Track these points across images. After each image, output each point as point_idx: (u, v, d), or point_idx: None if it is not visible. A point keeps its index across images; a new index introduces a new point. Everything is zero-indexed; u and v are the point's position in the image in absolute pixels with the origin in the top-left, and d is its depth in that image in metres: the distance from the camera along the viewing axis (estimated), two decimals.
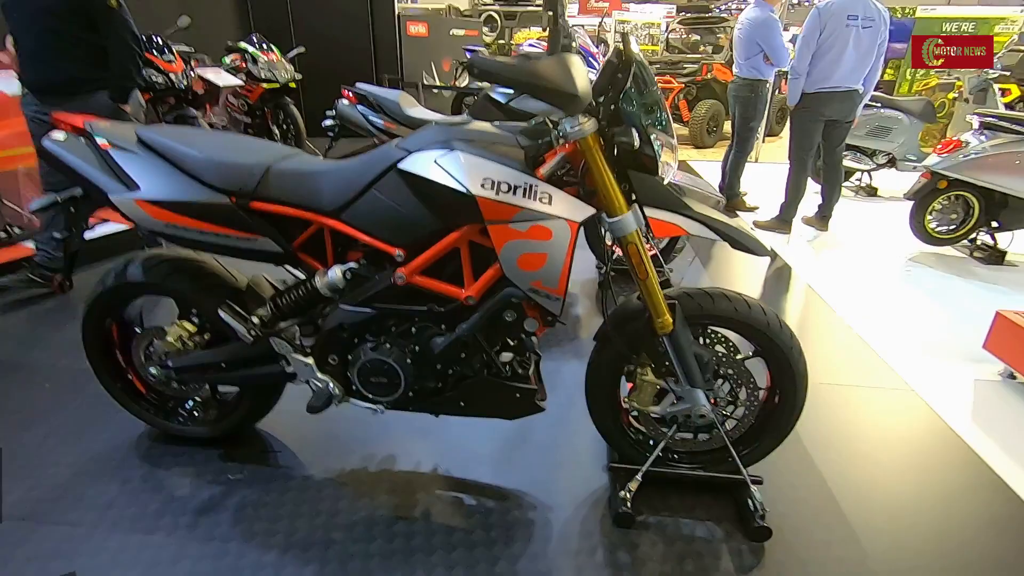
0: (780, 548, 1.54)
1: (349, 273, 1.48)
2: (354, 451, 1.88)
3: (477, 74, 1.10)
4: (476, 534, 1.56)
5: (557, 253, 1.30)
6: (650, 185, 1.35)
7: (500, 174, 1.29)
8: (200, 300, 1.63)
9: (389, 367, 1.51)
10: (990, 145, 3.52)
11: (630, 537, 1.57)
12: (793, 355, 1.52)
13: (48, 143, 1.45)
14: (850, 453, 1.96)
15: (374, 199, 1.41)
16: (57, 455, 1.83)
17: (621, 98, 1.26)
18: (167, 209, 1.41)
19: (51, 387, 2.20)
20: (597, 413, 1.69)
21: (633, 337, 1.52)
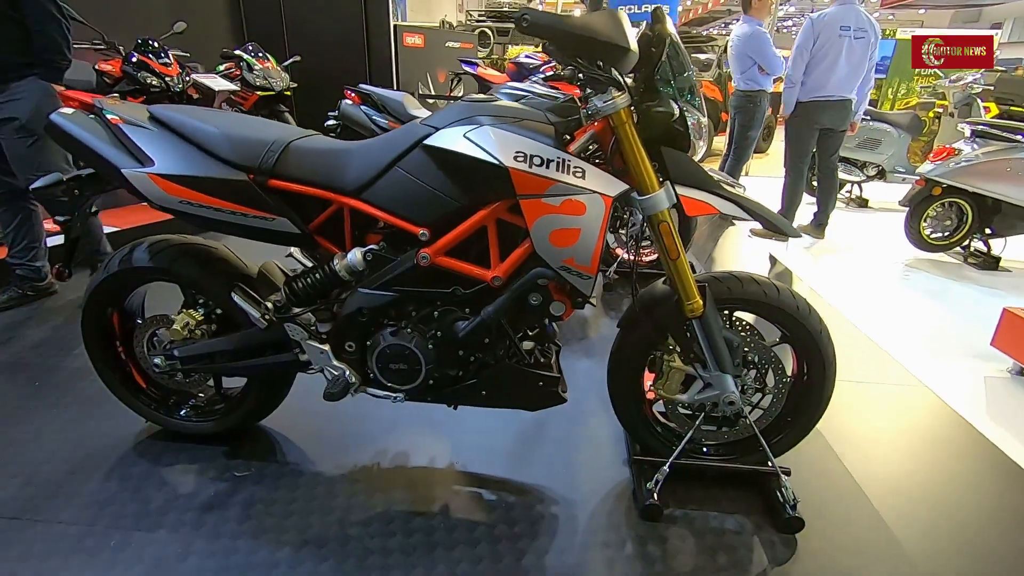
0: (812, 539, 1.50)
1: (370, 255, 1.43)
2: (365, 447, 1.80)
3: (528, 27, 1.08)
4: (499, 528, 1.50)
5: (591, 229, 1.27)
6: (682, 162, 1.33)
7: (532, 148, 1.26)
8: (210, 285, 1.57)
9: (410, 353, 1.45)
10: (982, 152, 3.59)
11: (658, 530, 1.51)
12: (822, 340, 1.50)
13: (56, 117, 1.39)
14: (870, 445, 1.94)
15: (398, 177, 1.37)
16: (50, 452, 1.73)
17: (656, 72, 1.24)
18: (182, 184, 1.35)
19: (40, 385, 2.10)
20: (620, 403, 1.64)
21: (661, 321, 1.48)
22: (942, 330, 2.89)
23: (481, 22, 9.38)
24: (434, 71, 6.80)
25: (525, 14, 1.07)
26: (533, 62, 5.33)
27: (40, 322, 2.60)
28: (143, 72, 4.00)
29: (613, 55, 1.13)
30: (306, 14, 6.77)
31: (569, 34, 1.11)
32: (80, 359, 2.25)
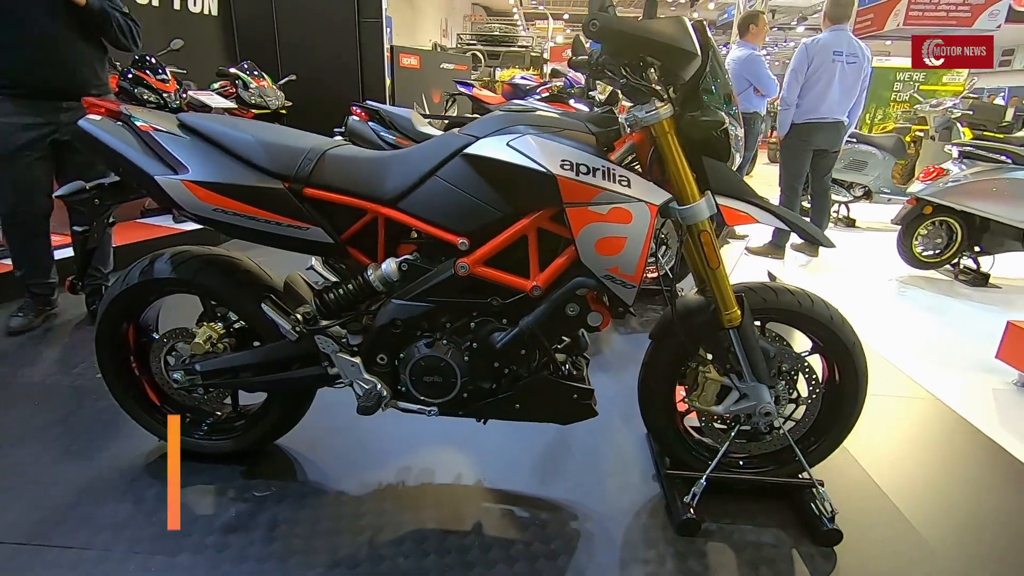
0: (850, 551, 1.48)
1: (405, 265, 1.41)
2: (386, 464, 1.75)
3: (597, 31, 1.08)
4: (535, 546, 1.46)
5: (636, 237, 1.27)
6: (722, 172, 1.34)
7: (577, 156, 1.26)
8: (235, 297, 1.53)
9: (445, 365, 1.42)
10: (970, 173, 3.72)
11: (696, 545, 1.49)
12: (856, 351, 1.51)
13: (86, 124, 1.36)
14: (891, 455, 1.95)
15: (437, 186, 1.36)
16: (56, 474, 1.65)
17: (700, 82, 1.26)
18: (217, 192, 1.32)
19: (39, 404, 2.01)
20: (652, 416, 1.63)
21: (697, 332, 1.48)
22: (944, 344, 2.94)
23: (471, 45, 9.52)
24: (429, 92, 6.86)
25: (594, 18, 1.08)
26: (529, 83, 5.41)
27: (34, 340, 2.50)
28: (140, 88, 3.96)
29: (682, 60, 1.14)
30: (300, 34, 6.79)
31: (640, 38, 1.12)
32: (81, 377, 2.18)
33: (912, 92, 7.10)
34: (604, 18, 1.09)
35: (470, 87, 5.74)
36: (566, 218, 1.27)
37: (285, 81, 5.48)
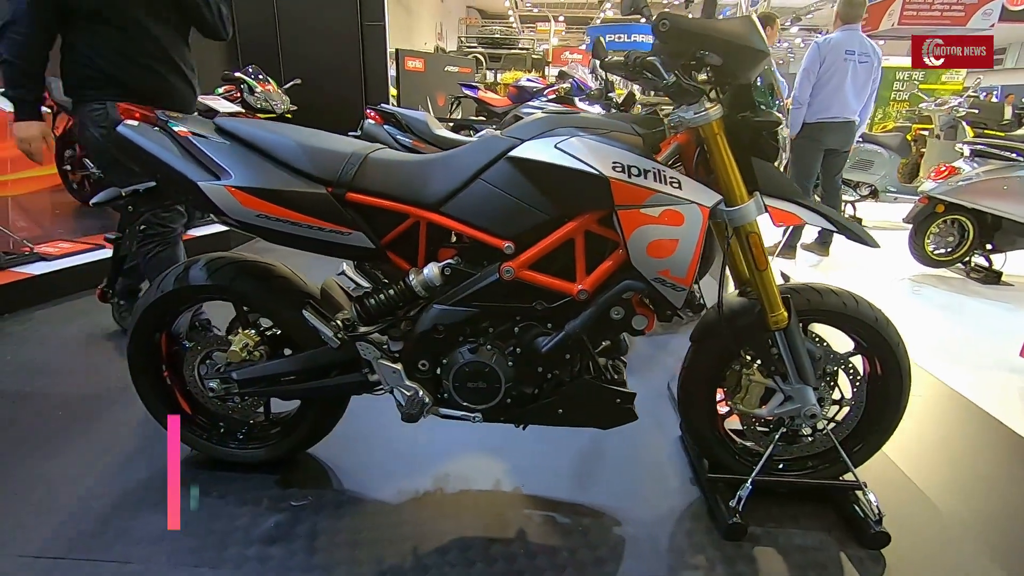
0: (898, 553, 1.47)
1: (448, 270, 1.39)
2: (420, 471, 1.73)
3: (667, 29, 1.07)
4: (581, 553, 1.44)
5: (689, 240, 1.25)
6: (770, 172, 1.33)
7: (628, 158, 1.25)
8: (272, 304, 1.51)
9: (489, 370, 1.40)
10: (982, 171, 3.73)
11: (743, 550, 1.47)
12: (900, 352, 1.49)
13: (125, 130, 1.33)
14: (927, 455, 1.93)
15: (482, 189, 1.34)
16: (86, 487, 1.62)
17: (753, 81, 1.25)
18: (260, 197, 1.30)
19: (63, 415, 1.97)
20: (693, 419, 1.61)
21: (742, 334, 1.46)
22: (966, 343, 2.94)
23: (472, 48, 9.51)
24: (433, 94, 6.84)
25: (664, 18, 1.07)
26: (535, 86, 5.41)
27: (45, 348, 2.46)
28: None
29: (752, 59, 1.13)
30: (302, 38, 6.77)
31: (711, 37, 1.11)
32: (100, 385, 2.14)
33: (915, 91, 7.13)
34: (673, 17, 1.08)
35: (475, 89, 5.73)
36: (617, 221, 1.25)
37: (290, 85, 5.47)
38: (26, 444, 1.80)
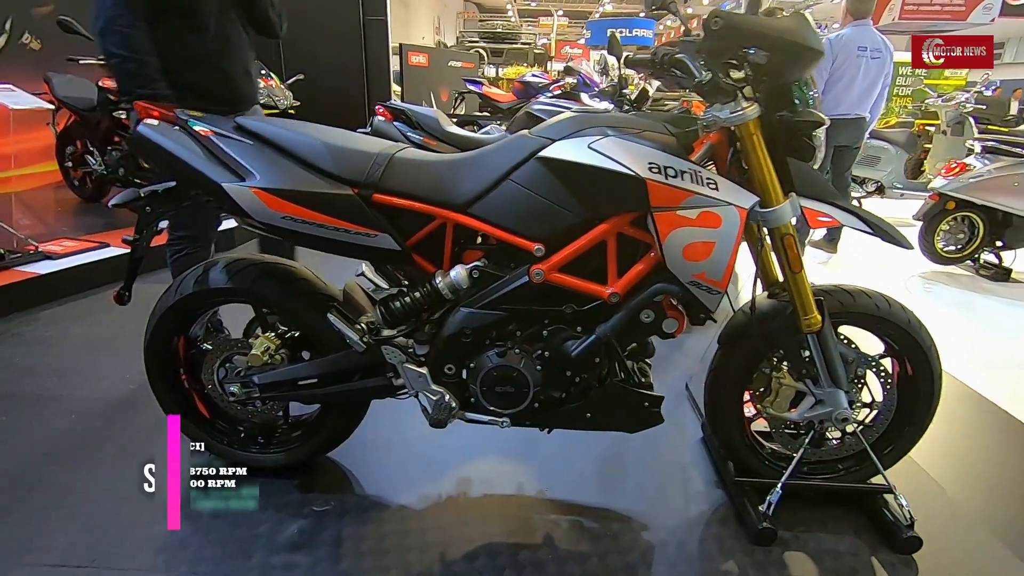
0: (930, 557, 1.45)
1: (476, 272, 1.36)
2: (442, 476, 1.71)
3: (719, 27, 1.04)
4: (611, 559, 1.42)
5: (726, 242, 1.23)
6: (807, 173, 1.30)
7: (664, 159, 1.22)
8: (295, 307, 1.48)
9: (518, 375, 1.38)
10: (994, 168, 3.71)
11: (774, 555, 1.45)
12: (932, 354, 1.48)
13: (145, 130, 1.30)
14: (949, 455, 1.92)
15: (511, 190, 1.31)
16: (103, 492, 1.59)
17: (794, 80, 1.22)
18: (286, 199, 1.27)
19: (76, 418, 1.94)
20: (721, 422, 1.59)
21: (774, 336, 1.44)
22: (979, 341, 2.93)
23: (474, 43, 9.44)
24: (437, 90, 6.79)
25: (717, 15, 1.04)
26: (541, 81, 5.36)
27: (53, 350, 2.43)
28: None
29: (808, 58, 1.10)
30: (303, 33, 6.69)
31: (762, 34, 1.08)
32: (111, 388, 2.11)
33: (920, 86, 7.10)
34: (726, 15, 1.05)
35: (480, 85, 5.68)
36: (652, 222, 1.23)
37: (293, 80, 5.39)
38: (40, 449, 1.77)
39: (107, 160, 4.20)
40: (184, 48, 1.74)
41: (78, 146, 4.48)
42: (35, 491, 1.58)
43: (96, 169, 4.29)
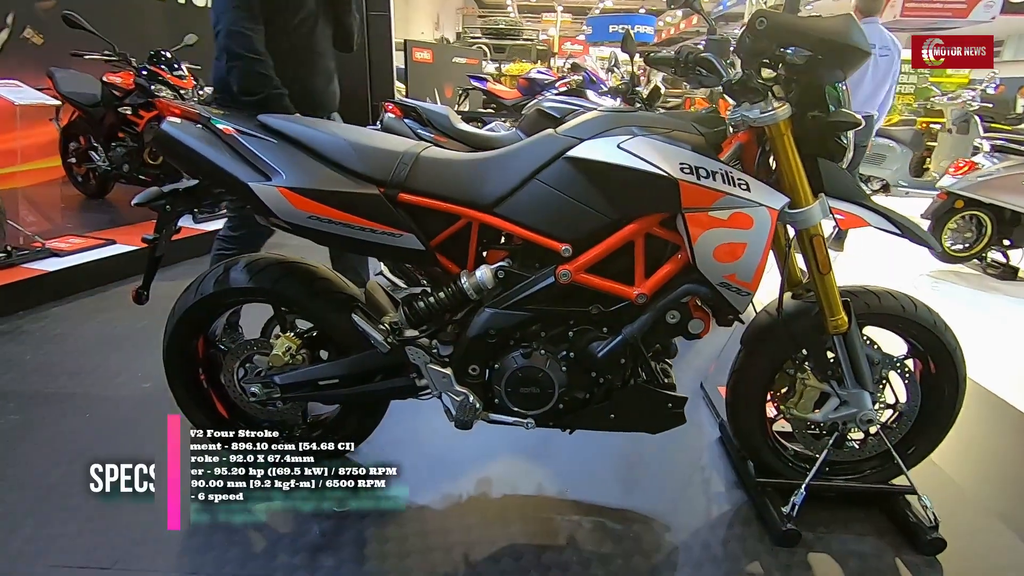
0: (955, 559, 1.45)
1: (502, 272, 1.35)
2: (461, 476, 1.70)
3: (765, 27, 1.03)
4: (636, 560, 1.41)
5: (757, 243, 1.22)
6: (837, 174, 1.30)
7: (695, 159, 1.21)
8: (317, 307, 1.46)
9: (543, 376, 1.37)
10: (1002, 167, 3.71)
11: (798, 556, 1.45)
12: (957, 356, 1.47)
13: (168, 127, 1.28)
14: (969, 457, 1.92)
15: (539, 190, 1.30)
16: (124, 494, 1.57)
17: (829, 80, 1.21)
18: (312, 198, 1.25)
19: (91, 417, 1.93)
20: (743, 423, 1.58)
21: (799, 337, 1.43)
22: (989, 340, 2.93)
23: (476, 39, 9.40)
24: (441, 86, 6.76)
25: (762, 16, 1.03)
26: (546, 78, 5.34)
27: (64, 348, 2.41)
28: (157, 84, 3.85)
29: (855, 59, 1.09)
30: None
31: (810, 36, 1.07)
32: (125, 386, 2.10)
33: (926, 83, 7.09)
34: (771, 15, 1.04)
35: (484, 81, 5.66)
36: (684, 223, 1.22)
37: None
38: (56, 448, 1.76)
39: (111, 156, 4.17)
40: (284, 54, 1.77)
41: (81, 142, 4.45)
42: (53, 491, 1.57)
43: (100, 165, 4.26)
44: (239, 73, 1.61)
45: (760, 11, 1.03)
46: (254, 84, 1.61)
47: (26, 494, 1.56)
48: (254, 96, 1.60)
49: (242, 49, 1.58)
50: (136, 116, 3.94)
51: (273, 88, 1.63)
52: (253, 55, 1.59)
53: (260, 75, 1.60)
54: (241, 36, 1.58)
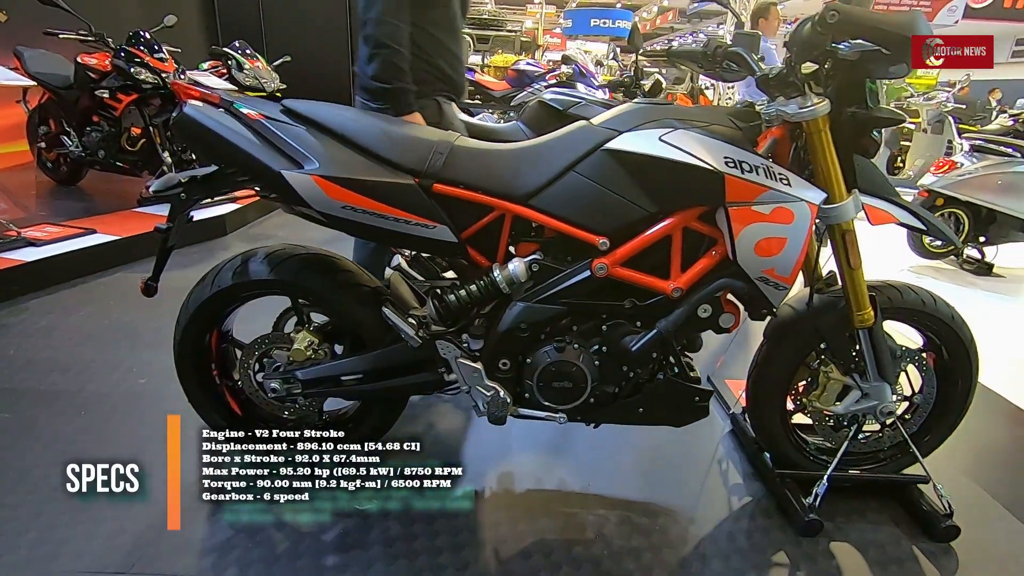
0: (968, 546, 1.49)
1: (536, 265, 1.33)
2: (482, 471, 1.68)
3: (836, 20, 1.02)
4: (665, 554, 1.42)
5: (797, 238, 1.22)
6: (870, 171, 1.31)
7: (738, 153, 1.21)
8: (341, 300, 1.42)
9: (576, 370, 1.36)
10: (981, 166, 3.84)
11: (820, 546, 1.47)
12: (972, 349, 1.51)
13: (192, 111, 1.22)
14: (963, 450, 1.98)
15: (576, 182, 1.28)
16: (133, 494, 1.50)
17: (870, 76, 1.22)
18: (348, 188, 1.21)
19: (87, 416, 1.84)
20: (764, 415, 1.60)
21: (825, 331, 1.45)
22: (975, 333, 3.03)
23: None
24: None
25: (833, 9, 1.02)
26: (536, 70, 5.30)
27: (51, 342, 2.30)
28: (136, 67, 3.68)
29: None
30: (286, 14, 6.48)
31: (880, 29, 1.07)
32: (122, 383, 2.02)
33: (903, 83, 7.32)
34: (843, 8, 1.03)
35: (472, 72, 5.58)
36: (726, 217, 1.21)
37: (280, 62, 5.21)
38: (54, 448, 1.67)
39: (85, 141, 3.99)
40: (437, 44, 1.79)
41: (52, 126, 4.24)
42: (58, 493, 1.48)
43: (72, 151, 4.07)
44: (381, 61, 1.61)
45: (832, 4, 1.03)
46: (391, 74, 1.62)
47: (30, 497, 1.48)
48: (386, 85, 1.61)
49: (388, 39, 1.59)
50: (114, 100, 3.77)
51: (405, 82, 1.64)
52: (397, 46, 1.60)
53: (397, 67, 1.61)
54: (390, 26, 1.58)
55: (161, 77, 3.73)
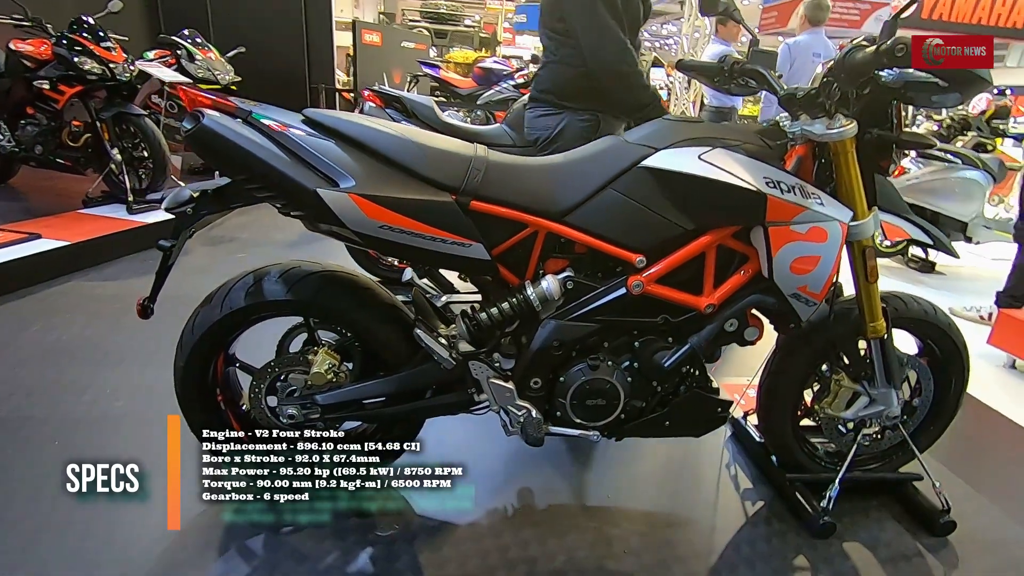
0: (965, 539, 1.59)
1: (570, 283, 1.31)
2: (500, 488, 1.65)
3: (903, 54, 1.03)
4: (693, 564, 1.44)
5: (829, 256, 1.26)
6: (888, 189, 1.36)
7: (775, 173, 1.23)
8: (364, 320, 1.36)
9: (611, 387, 1.35)
10: (927, 171, 4.10)
11: (835, 547, 1.53)
12: (965, 355, 1.61)
13: (212, 123, 1.11)
14: None
15: (614, 199, 1.27)
16: (122, 524, 1.39)
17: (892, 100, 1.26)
18: (386, 207, 1.14)
19: (62, 444, 1.69)
20: (775, 422, 1.65)
21: (838, 340, 1.51)
22: None
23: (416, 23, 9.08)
24: (390, 71, 6.46)
25: (902, 42, 1.03)
26: (504, 68, 5.26)
27: (4, 361, 2.09)
28: (81, 56, 3.40)
29: (981, 86, 1.12)
30: (234, 2, 6.15)
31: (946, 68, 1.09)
32: (97, 407, 1.85)
33: None
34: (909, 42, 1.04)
35: (436, 68, 5.48)
36: (765, 236, 1.23)
37: (234, 54, 4.95)
38: (30, 482, 1.51)
39: (19, 136, 3.66)
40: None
41: None
42: (43, 535, 1.36)
43: (5, 145, 3.71)
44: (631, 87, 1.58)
45: (900, 39, 1.05)
46: (645, 96, 1.59)
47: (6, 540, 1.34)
48: (644, 107, 1.59)
49: (628, 66, 1.57)
50: (55, 91, 3.46)
51: (655, 98, 1.62)
52: (637, 68, 1.58)
53: (645, 87, 1.60)
54: (628, 52, 1.56)
55: (109, 67, 3.46)
